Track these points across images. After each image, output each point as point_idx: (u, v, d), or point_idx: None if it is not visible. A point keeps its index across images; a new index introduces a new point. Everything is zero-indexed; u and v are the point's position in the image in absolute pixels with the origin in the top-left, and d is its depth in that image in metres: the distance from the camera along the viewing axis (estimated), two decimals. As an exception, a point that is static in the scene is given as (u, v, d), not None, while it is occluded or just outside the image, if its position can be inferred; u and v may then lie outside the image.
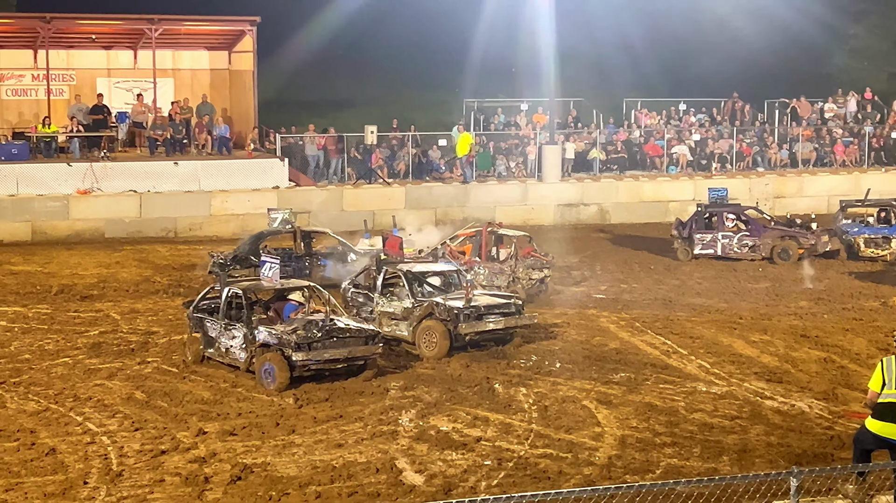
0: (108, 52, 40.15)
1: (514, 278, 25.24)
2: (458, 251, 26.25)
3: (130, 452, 15.51)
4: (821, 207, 38.41)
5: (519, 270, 25.36)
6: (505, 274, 25.32)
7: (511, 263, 25.47)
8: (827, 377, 19.35)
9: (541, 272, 25.67)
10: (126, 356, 20.64)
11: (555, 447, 15.79)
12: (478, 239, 26.25)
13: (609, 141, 41.40)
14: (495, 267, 25.52)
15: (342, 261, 27.01)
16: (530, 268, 25.52)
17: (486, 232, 26.19)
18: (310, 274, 26.27)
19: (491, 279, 25.18)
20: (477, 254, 25.96)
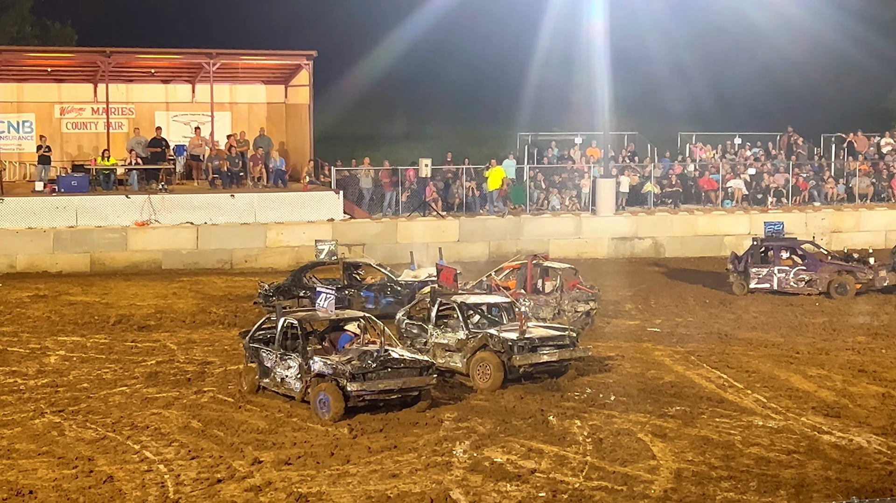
0: (167, 86, 40.72)
1: (560, 310, 25.15)
2: (504, 285, 26.17)
3: (187, 480, 15.62)
4: (878, 242, 38.04)
5: (564, 303, 25.27)
6: (550, 306, 25.24)
7: (556, 296, 25.40)
8: (885, 412, 19.12)
9: (586, 304, 25.54)
10: (182, 386, 20.81)
11: (609, 480, 15.71)
12: (523, 271, 26.20)
13: (664, 174, 41.29)
14: (540, 299, 25.44)
15: (384, 293, 27.11)
16: (576, 301, 25.41)
17: (531, 264, 26.15)
18: (351, 305, 26.37)
19: (536, 311, 25.04)
20: (522, 287, 25.89)
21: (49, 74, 39.21)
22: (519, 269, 26.48)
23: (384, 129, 50.26)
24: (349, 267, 28.04)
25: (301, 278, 27.41)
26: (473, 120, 51.27)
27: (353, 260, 28.81)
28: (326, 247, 28.35)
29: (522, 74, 46.28)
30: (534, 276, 26.03)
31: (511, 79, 48.03)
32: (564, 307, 25.19)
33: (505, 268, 27.08)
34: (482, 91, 50.79)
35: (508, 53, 49.34)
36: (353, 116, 50.15)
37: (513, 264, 27.06)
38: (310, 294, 26.54)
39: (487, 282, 25.98)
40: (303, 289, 27.06)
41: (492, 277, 26.43)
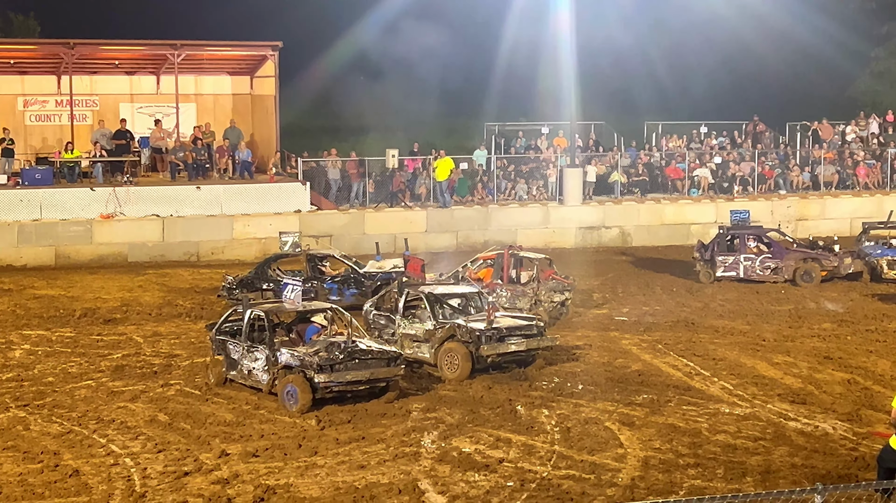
0: (132, 78, 40.43)
1: (537, 300, 25.19)
2: (479, 276, 26.17)
3: (153, 474, 15.54)
4: (843, 230, 38.31)
5: (541, 293, 25.31)
6: (528, 296, 25.28)
7: (534, 286, 25.43)
8: (851, 398, 19.25)
9: (562, 295, 25.61)
10: (149, 379, 20.70)
11: (577, 468, 15.75)
12: (499, 261, 26.18)
13: (631, 164, 41.39)
14: (517, 289, 25.49)
15: (347, 285, 27.03)
16: (552, 291, 25.46)
17: (507, 254, 26.16)
18: (316, 297, 26.31)
19: (513, 302, 25.15)
20: (499, 277, 25.90)
21: (12, 66, 38.83)
22: (495, 260, 26.43)
23: (351, 120, 50.14)
24: (313, 258, 27.93)
25: (265, 271, 27.32)
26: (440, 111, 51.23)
27: (317, 251, 28.68)
28: (290, 238, 28.22)
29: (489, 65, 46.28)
30: (510, 267, 26.00)
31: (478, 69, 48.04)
32: (541, 297, 25.21)
33: (480, 258, 27.04)
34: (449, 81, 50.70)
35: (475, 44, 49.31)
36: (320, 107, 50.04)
37: (488, 254, 27.02)
38: (273, 286, 26.47)
39: (463, 273, 25.91)
40: (266, 281, 26.95)
41: (467, 268, 26.37)
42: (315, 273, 27.49)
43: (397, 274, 26.45)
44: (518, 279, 26.06)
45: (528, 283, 25.68)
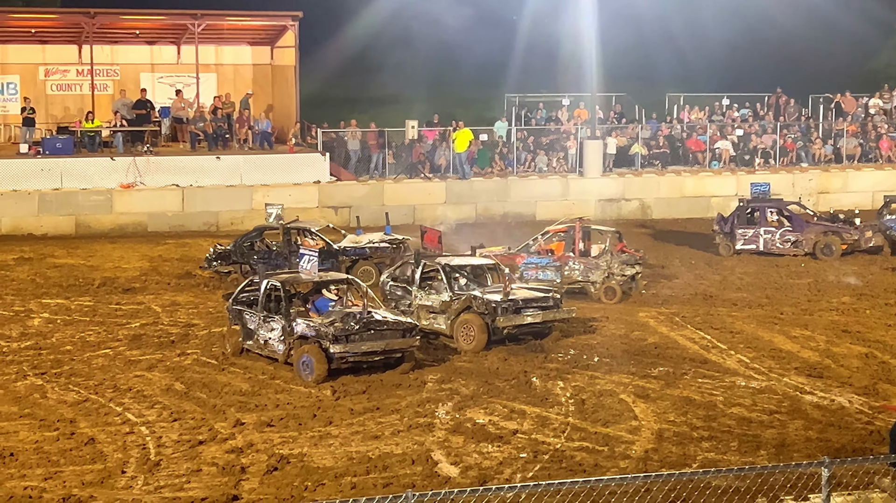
0: (152, 48, 40.41)
1: (610, 274, 24.98)
2: (547, 250, 25.91)
3: (168, 442, 15.64)
4: (865, 203, 38.01)
5: (614, 266, 25.10)
6: (601, 269, 25.04)
7: (607, 258, 25.20)
8: (868, 372, 19.20)
9: (633, 268, 25.40)
10: (166, 348, 20.80)
11: (591, 440, 15.76)
12: (571, 234, 25.85)
13: (651, 136, 41.17)
14: (590, 262, 25.22)
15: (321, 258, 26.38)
16: (624, 264, 25.26)
17: (579, 226, 25.85)
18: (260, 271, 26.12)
19: (586, 275, 25.03)
20: (570, 250, 25.60)
21: (33, 36, 38.86)
22: (566, 232, 26.14)
23: (371, 90, 50.05)
24: (288, 231, 27.37)
25: (242, 244, 26.86)
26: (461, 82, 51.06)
27: (294, 224, 28.12)
28: (275, 210, 27.70)
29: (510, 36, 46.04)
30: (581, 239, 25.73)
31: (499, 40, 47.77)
32: (614, 270, 25.04)
33: (551, 231, 26.66)
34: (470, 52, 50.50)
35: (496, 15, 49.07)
36: (340, 78, 49.91)
37: (559, 227, 26.69)
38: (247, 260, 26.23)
39: (534, 246, 25.77)
40: (242, 254, 26.49)
41: (538, 241, 26.15)
42: (290, 246, 26.73)
43: (371, 250, 26.27)
44: (587, 252, 25.80)
45: (600, 256, 25.41)
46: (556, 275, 25.13)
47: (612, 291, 24.89)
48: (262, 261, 26.01)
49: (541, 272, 25.23)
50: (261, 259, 26.18)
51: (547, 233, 26.58)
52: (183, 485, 14.07)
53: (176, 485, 14.07)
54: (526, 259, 25.52)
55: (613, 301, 24.70)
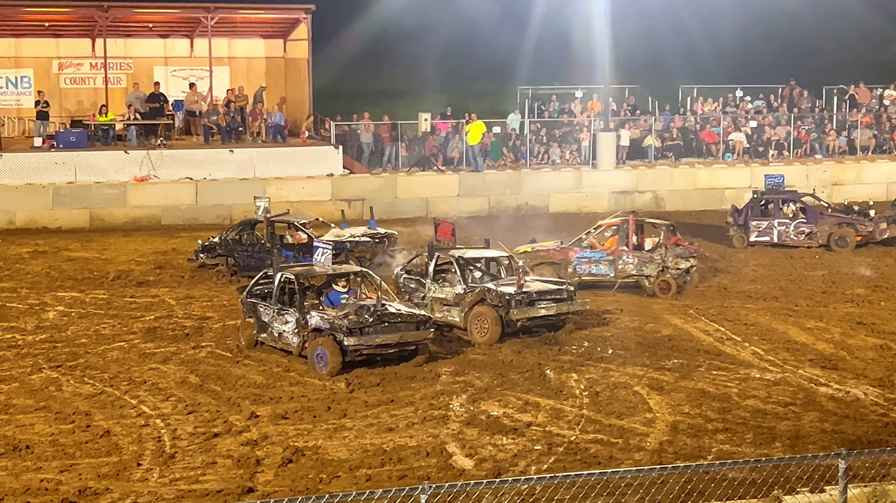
0: (165, 41, 40.50)
1: (664, 268, 24.77)
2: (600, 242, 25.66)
3: (183, 435, 15.68)
4: (879, 194, 37.87)
5: (669, 259, 24.88)
6: (655, 263, 24.79)
7: (661, 252, 24.95)
8: (883, 364, 19.15)
9: (688, 261, 25.13)
10: (181, 341, 20.84)
11: (605, 432, 15.76)
12: (624, 227, 25.56)
13: (665, 128, 41.11)
14: (644, 256, 24.98)
15: (303, 253, 25.91)
16: (679, 258, 25.01)
17: (632, 220, 25.56)
18: (272, 264, 26.03)
19: (640, 268, 24.78)
20: (624, 244, 25.31)
21: (47, 29, 38.98)
22: (619, 226, 25.85)
23: (384, 83, 50.03)
24: (272, 224, 26.99)
25: (227, 237, 26.82)
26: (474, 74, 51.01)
27: (280, 218, 27.66)
28: (262, 203, 27.73)
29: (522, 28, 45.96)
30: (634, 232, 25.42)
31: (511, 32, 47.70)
32: (668, 264, 24.81)
33: (603, 225, 26.38)
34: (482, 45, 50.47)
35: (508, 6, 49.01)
36: (353, 71, 49.90)
37: (612, 221, 26.43)
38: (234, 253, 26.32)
39: (587, 240, 25.57)
40: (226, 247, 26.58)
41: (590, 235, 25.90)
42: (273, 239, 26.56)
43: (352, 244, 26.19)
44: (641, 246, 25.51)
45: (654, 250, 25.17)
46: (609, 269, 24.91)
47: (667, 285, 24.62)
48: (246, 254, 26.14)
49: (594, 266, 25.04)
50: (244, 252, 26.28)
51: (600, 227, 26.26)
52: (198, 478, 14.11)
53: (191, 478, 14.11)
54: (578, 253, 25.17)
55: (668, 295, 24.40)
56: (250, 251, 26.34)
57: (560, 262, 25.09)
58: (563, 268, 24.96)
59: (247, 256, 26.25)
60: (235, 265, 26.36)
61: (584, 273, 24.97)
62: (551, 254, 25.28)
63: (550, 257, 25.26)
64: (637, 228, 25.54)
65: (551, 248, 25.52)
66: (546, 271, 24.73)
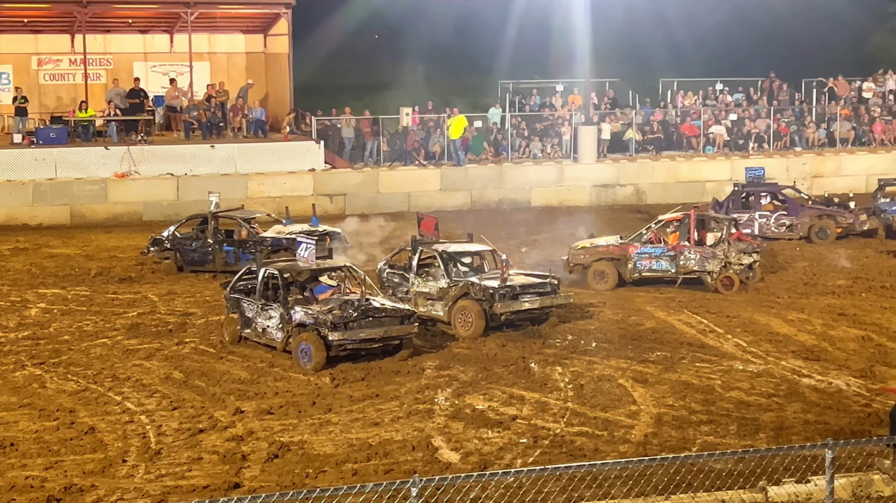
0: (145, 37, 40.37)
1: (727, 263, 24.46)
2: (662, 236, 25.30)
3: (169, 431, 15.66)
4: (859, 186, 38.02)
5: (731, 255, 24.56)
6: (717, 258, 24.44)
7: (724, 247, 24.60)
8: (864, 355, 19.26)
9: (750, 257, 24.78)
10: (164, 337, 20.80)
11: (590, 425, 15.81)
12: (686, 222, 25.11)
13: (645, 121, 41.20)
14: (706, 251, 24.59)
15: (243, 249, 26.22)
16: (741, 253, 24.71)
17: (693, 215, 25.18)
18: (213, 260, 26.29)
19: (702, 264, 24.44)
20: (685, 239, 24.91)
21: (25, 25, 38.79)
22: (681, 221, 25.41)
23: (365, 78, 49.96)
24: (216, 219, 27.03)
25: (174, 232, 26.86)
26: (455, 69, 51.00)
27: (226, 213, 27.70)
28: (214, 198, 27.65)
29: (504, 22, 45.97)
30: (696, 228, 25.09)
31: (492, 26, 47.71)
32: (731, 259, 24.49)
33: (664, 220, 25.96)
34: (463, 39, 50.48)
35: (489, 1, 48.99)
36: (333, 66, 49.83)
37: (673, 216, 26.04)
38: (178, 247, 26.49)
39: (648, 235, 25.31)
40: (173, 242, 26.71)
41: (651, 230, 25.57)
42: (216, 235, 26.73)
43: (288, 240, 26.14)
44: (703, 241, 25.18)
45: (716, 245, 24.77)
46: (670, 264, 24.63)
47: (730, 281, 24.31)
48: (190, 250, 26.24)
49: (654, 262, 24.74)
50: (188, 247, 26.35)
51: (660, 221, 25.89)
52: (184, 474, 14.10)
53: (177, 474, 14.10)
54: (639, 249, 24.89)
55: (731, 291, 24.11)
56: (194, 247, 26.42)
57: (620, 258, 24.82)
58: (622, 263, 24.79)
59: (190, 251, 26.39)
60: (182, 260, 26.46)
61: (645, 269, 24.73)
62: (610, 249, 24.94)
63: (609, 253, 24.96)
64: (698, 223, 25.23)
65: (611, 244, 25.18)
66: (606, 268, 24.74)
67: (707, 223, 25.64)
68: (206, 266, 26.46)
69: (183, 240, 26.83)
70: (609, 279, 24.85)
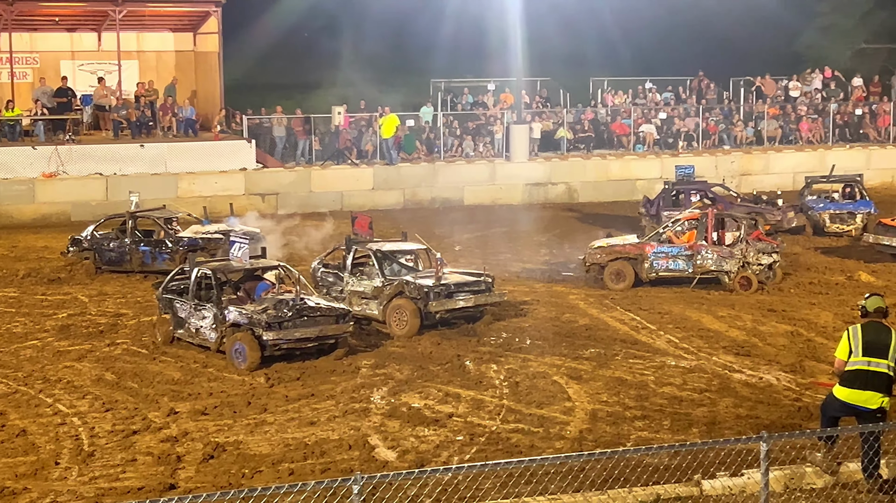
0: (72, 35, 39.84)
1: (745, 263, 24.22)
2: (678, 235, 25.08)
3: (102, 433, 15.49)
4: (786, 184, 38.57)
5: (750, 254, 24.33)
6: (735, 258, 24.19)
7: (742, 247, 24.34)
8: (794, 350, 19.53)
9: (770, 257, 24.51)
10: (95, 338, 20.58)
11: (526, 422, 15.88)
12: (703, 221, 24.87)
13: (577, 120, 41.47)
14: (724, 251, 24.32)
15: (160, 249, 26.05)
16: (760, 253, 24.45)
17: (712, 214, 24.96)
18: (130, 260, 26.11)
19: (720, 264, 24.20)
20: (703, 238, 24.66)
21: (-51, 23, 38.15)
22: (699, 220, 25.20)
23: (296, 76, 49.75)
24: (134, 219, 26.77)
25: (93, 232, 26.59)
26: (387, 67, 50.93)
27: (141, 212, 27.44)
28: (134, 198, 27.45)
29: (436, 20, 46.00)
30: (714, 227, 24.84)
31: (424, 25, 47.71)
32: (750, 259, 24.25)
33: (682, 219, 25.80)
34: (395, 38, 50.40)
35: None
36: (264, 64, 49.51)
37: (691, 214, 25.86)
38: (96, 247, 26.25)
39: (664, 234, 25.06)
40: (92, 242, 26.44)
41: (668, 229, 25.34)
42: (134, 235, 26.46)
43: (204, 240, 26.02)
44: (720, 240, 24.90)
45: (734, 244, 24.49)
46: (687, 264, 24.38)
47: (748, 281, 24.08)
48: (108, 250, 26.01)
49: (671, 262, 24.50)
50: (107, 248, 26.12)
51: (678, 220, 25.76)
52: (118, 475, 13.95)
53: (111, 475, 13.95)
54: (656, 248, 24.64)
55: (749, 291, 23.85)
56: (112, 247, 26.19)
57: (637, 257, 24.59)
58: (639, 263, 24.55)
59: (108, 251, 26.14)
60: (99, 261, 26.20)
61: (662, 269, 24.50)
62: (627, 248, 24.70)
63: (626, 252, 24.68)
64: (717, 222, 24.90)
65: (627, 243, 24.97)
66: (622, 267, 24.55)
67: (726, 222, 25.24)
68: (123, 266, 26.18)
69: (101, 240, 26.55)
70: (626, 279, 24.59)
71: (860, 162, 40.91)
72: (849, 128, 43.38)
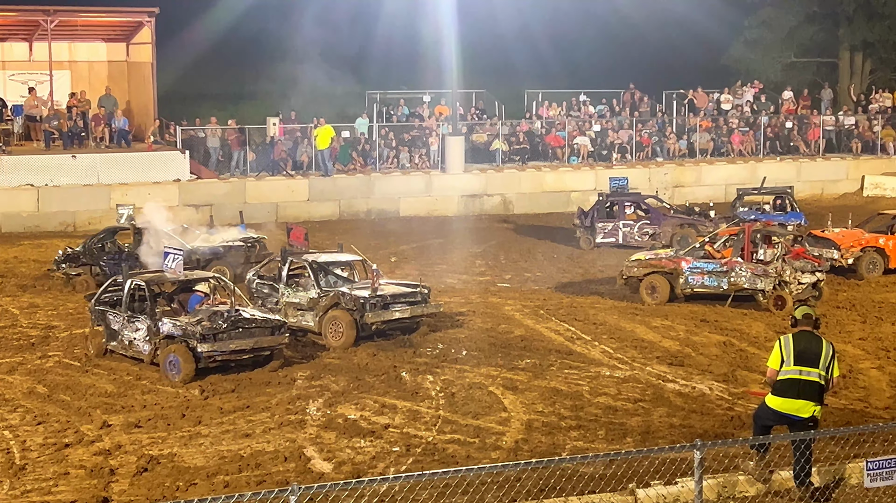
0: (3, 44, 39.38)
1: (781, 282, 23.36)
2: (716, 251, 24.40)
3: (33, 446, 15.29)
4: (718, 196, 39.09)
5: (786, 273, 23.39)
6: (770, 277, 23.30)
7: (777, 265, 23.46)
8: (726, 360, 19.75)
9: (812, 276, 23.50)
10: (26, 350, 20.32)
11: (462, 432, 15.91)
12: (741, 237, 24.18)
13: (512, 132, 41.67)
14: (758, 268, 23.44)
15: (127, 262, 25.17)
16: (800, 272, 23.46)
17: (748, 230, 24.15)
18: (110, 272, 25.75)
19: (753, 282, 23.38)
20: (738, 255, 23.89)
21: None
22: (737, 236, 24.54)
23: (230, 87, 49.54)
24: (140, 231, 26.55)
25: (92, 246, 26.42)
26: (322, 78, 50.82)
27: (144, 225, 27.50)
28: (125, 211, 27.30)
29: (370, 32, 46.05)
30: (753, 244, 23.90)
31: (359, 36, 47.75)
32: (786, 278, 23.25)
33: (721, 234, 25.24)
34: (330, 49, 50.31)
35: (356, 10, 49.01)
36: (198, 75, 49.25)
37: (730, 229, 25.28)
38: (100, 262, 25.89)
39: (702, 250, 24.39)
40: (92, 256, 26.13)
41: (707, 244, 24.73)
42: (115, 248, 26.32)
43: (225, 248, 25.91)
44: (763, 256, 23.90)
45: (770, 262, 23.56)
46: (722, 281, 23.65)
47: (782, 301, 23.07)
48: (113, 262, 25.65)
49: (706, 277, 23.79)
50: (111, 260, 25.78)
51: (716, 236, 25.25)
52: (51, 489, 13.79)
53: (44, 489, 13.78)
54: (692, 263, 23.96)
55: (783, 311, 22.41)
56: (116, 259, 25.78)
57: (672, 272, 24.10)
58: (675, 277, 24.04)
59: (113, 264, 25.66)
60: (101, 274, 25.76)
61: (697, 284, 23.87)
62: (663, 262, 24.24)
63: (662, 266, 24.23)
64: (755, 238, 24.14)
65: (664, 257, 24.54)
66: (657, 281, 24.12)
67: (767, 239, 24.35)
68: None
69: (103, 253, 26.02)
70: (660, 293, 24.15)
71: (790, 174, 41.55)
72: (779, 140, 44.02)
